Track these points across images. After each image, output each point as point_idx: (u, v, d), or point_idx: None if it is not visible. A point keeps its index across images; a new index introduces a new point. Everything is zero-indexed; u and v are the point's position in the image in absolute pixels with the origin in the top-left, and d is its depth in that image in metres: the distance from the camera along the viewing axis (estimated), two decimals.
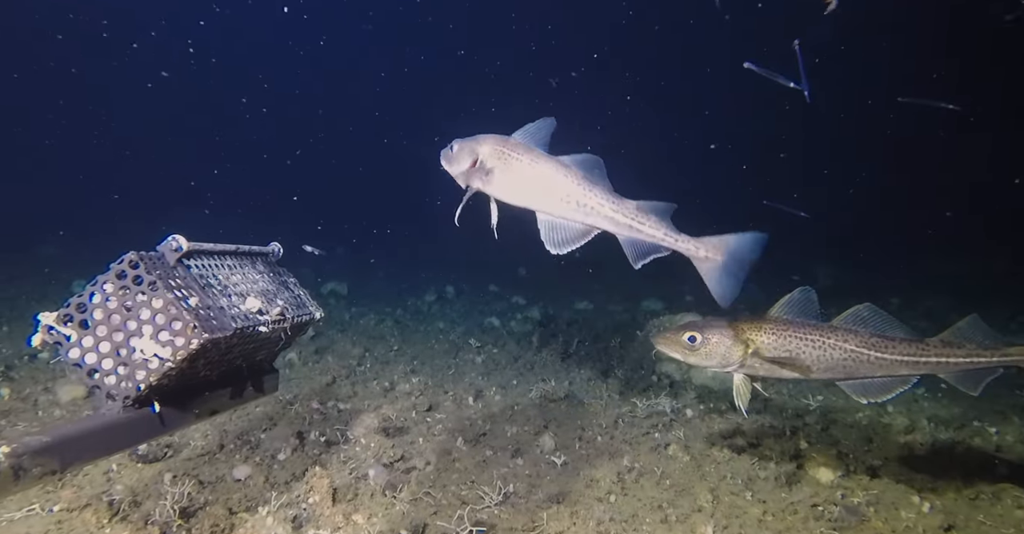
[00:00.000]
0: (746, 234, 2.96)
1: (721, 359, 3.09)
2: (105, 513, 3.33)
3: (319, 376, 6.22)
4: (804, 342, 3.07)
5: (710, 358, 3.09)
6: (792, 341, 3.06)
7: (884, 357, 3.09)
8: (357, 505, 3.63)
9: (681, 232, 2.94)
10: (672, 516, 3.64)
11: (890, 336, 3.13)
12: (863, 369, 3.12)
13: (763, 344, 3.06)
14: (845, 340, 3.08)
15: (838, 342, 3.08)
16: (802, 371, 3.12)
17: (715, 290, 2.97)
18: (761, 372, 3.17)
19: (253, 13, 33.22)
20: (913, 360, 3.12)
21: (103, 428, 2.11)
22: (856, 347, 3.08)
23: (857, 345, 3.08)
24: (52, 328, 2.15)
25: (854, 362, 3.09)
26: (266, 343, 2.57)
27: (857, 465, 4.31)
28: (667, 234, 2.93)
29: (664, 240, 2.94)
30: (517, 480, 4.00)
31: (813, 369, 3.11)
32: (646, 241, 2.95)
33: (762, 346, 3.06)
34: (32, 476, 1.87)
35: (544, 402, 5.61)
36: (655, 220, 2.95)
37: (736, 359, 3.08)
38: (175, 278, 2.21)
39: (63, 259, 12.55)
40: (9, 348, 6.57)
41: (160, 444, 4.17)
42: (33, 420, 4.76)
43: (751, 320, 3.13)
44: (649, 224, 2.93)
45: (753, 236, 2.96)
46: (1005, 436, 5.15)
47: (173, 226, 2.53)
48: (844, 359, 3.08)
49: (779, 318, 3.15)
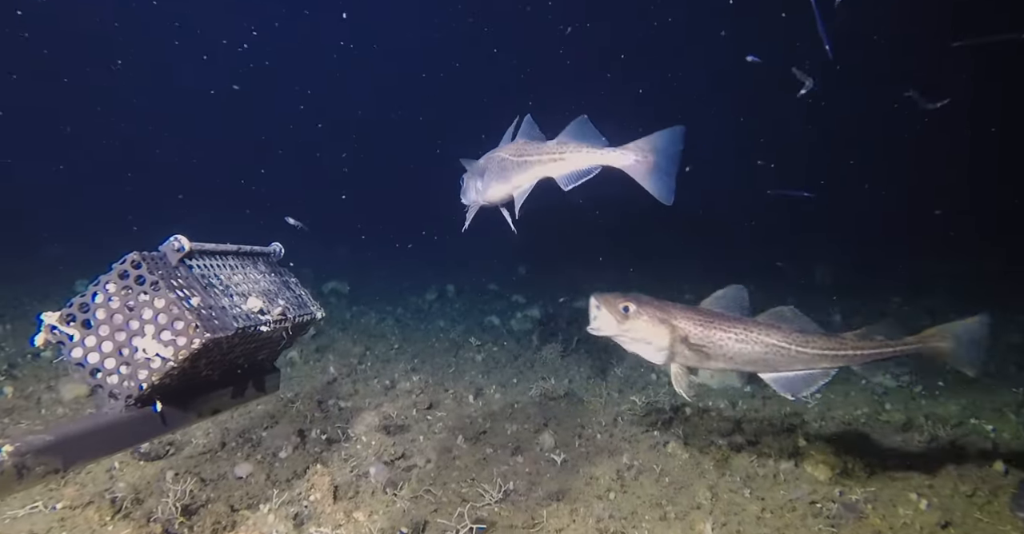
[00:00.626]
0: (664, 130, 3.12)
1: (645, 336, 3.11)
2: (108, 511, 3.35)
3: (320, 375, 6.25)
4: (729, 334, 3.18)
5: (636, 332, 3.11)
6: (717, 332, 3.17)
7: (805, 351, 3.21)
8: (358, 503, 3.66)
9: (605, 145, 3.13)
10: (671, 513, 3.67)
11: (810, 332, 3.26)
12: (785, 363, 3.25)
13: (690, 332, 3.14)
14: (768, 334, 3.20)
15: (761, 336, 3.19)
16: (727, 362, 3.23)
17: (655, 189, 3.15)
18: (691, 362, 3.24)
19: (254, 13, 33.21)
20: (832, 354, 3.24)
21: (106, 427, 2.13)
22: (778, 341, 3.20)
23: (779, 340, 3.20)
24: (55, 327, 2.16)
25: (776, 356, 3.21)
26: (268, 342, 2.58)
27: (855, 463, 4.32)
28: (590, 152, 3.19)
29: (591, 159, 3.19)
30: (517, 478, 4.02)
31: (737, 360, 3.22)
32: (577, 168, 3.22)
33: (689, 333, 3.14)
34: (35, 474, 1.88)
35: (544, 400, 5.63)
36: (575, 144, 3.22)
37: (662, 342, 3.12)
38: (177, 278, 2.23)
39: (66, 259, 12.57)
40: (13, 347, 6.61)
41: (162, 442, 4.21)
42: (36, 419, 4.79)
43: (682, 308, 3.22)
44: (571, 149, 3.21)
45: (672, 130, 3.13)
46: (1002, 433, 5.17)
47: (176, 227, 2.54)
48: (766, 352, 3.20)
49: (708, 310, 3.25)
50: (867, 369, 3.38)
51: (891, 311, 11.06)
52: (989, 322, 3.31)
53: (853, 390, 6.25)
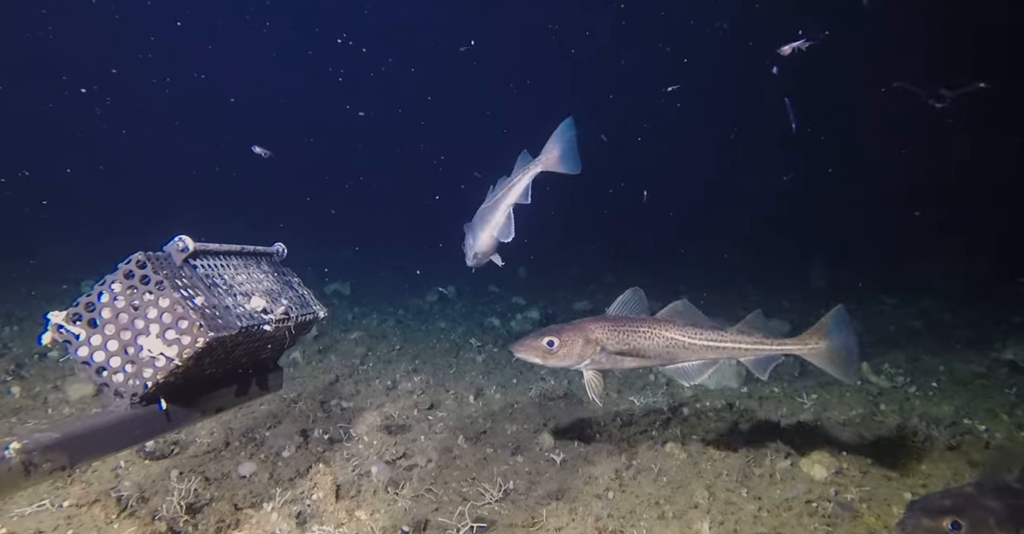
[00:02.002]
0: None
1: (577, 358, 3.50)
2: (113, 508, 3.38)
3: (323, 375, 6.29)
4: (638, 334, 3.55)
5: (567, 358, 3.50)
6: (630, 334, 3.54)
7: (695, 343, 3.59)
8: (360, 501, 3.69)
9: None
10: (669, 512, 3.69)
11: (699, 324, 3.62)
12: (681, 354, 3.62)
13: (608, 340, 3.51)
14: (667, 329, 3.58)
15: (662, 331, 3.57)
16: (639, 360, 3.60)
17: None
18: (607, 365, 3.60)
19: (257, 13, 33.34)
20: (715, 345, 3.60)
21: (111, 425, 2.16)
22: (675, 335, 3.58)
23: (675, 333, 3.58)
24: (61, 327, 2.20)
25: (674, 348, 3.59)
26: (271, 342, 2.62)
27: (850, 462, 4.36)
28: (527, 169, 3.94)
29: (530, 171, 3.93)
30: (517, 477, 4.05)
31: (648, 356, 3.59)
32: (524, 186, 3.96)
33: (608, 342, 3.51)
34: (42, 471, 1.92)
35: (543, 400, 5.67)
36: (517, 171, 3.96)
37: (589, 356, 3.50)
38: (181, 278, 2.26)
39: (73, 259, 12.64)
40: (20, 347, 6.67)
41: (167, 441, 4.24)
42: (43, 417, 4.84)
43: (594, 320, 3.57)
44: (517, 177, 3.97)
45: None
46: (995, 433, 5.21)
47: (181, 227, 2.58)
48: (667, 346, 3.57)
49: (616, 316, 3.61)
50: (751, 364, 3.70)
51: (886, 311, 11.10)
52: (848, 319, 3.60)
53: (848, 391, 6.29)
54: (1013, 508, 2.85)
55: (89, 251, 12.94)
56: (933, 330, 9.19)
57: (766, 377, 3.69)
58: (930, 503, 2.90)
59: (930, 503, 2.90)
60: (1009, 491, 2.98)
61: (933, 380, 6.78)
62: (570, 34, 28.23)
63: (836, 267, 14.79)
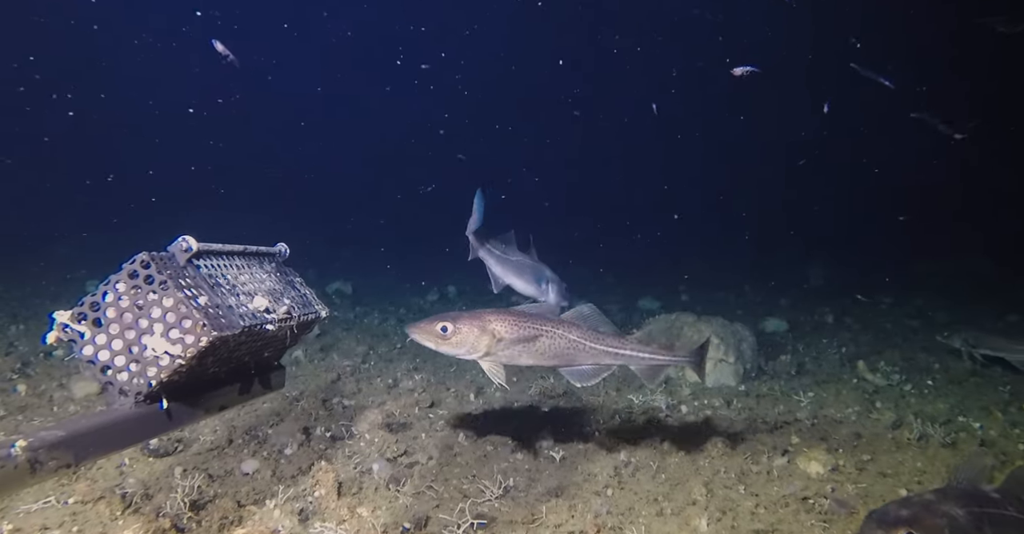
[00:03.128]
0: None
1: (470, 347, 3.44)
2: (118, 505, 3.41)
3: (325, 373, 6.33)
4: (539, 332, 3.52)
5: (460, 346, 3.43)
6: (530, 331, 3.50)
7: (596, 347, 3.62)
8: (361, 498, 3.72)
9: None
10: (667, 509, 3.72)
11: (601, 330, 3.66)
12: (580, 357, 3.63)
13: (505, 334, 3.46)
14: (569, 331, 3.58)
15: (565, 333, 3.56)
16: (538, 358, 3.57)
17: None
18: (504, 359, 3.55)
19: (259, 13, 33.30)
20: (614, 351, 3.67)
21: (116, 423, 2.19)
22: (577, 338, 3.58)
23: (578, 336, 3.59)
24: (67, 326, 2.23)
25: (575, 350, 3.60)
26: (273, 341, 2.65)
27: (846, 459, 4.40)
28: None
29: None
30: (517, 474, 4.08)
31: (545, 356, 3.57)
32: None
33: (506, 335, 3.46)
34: (48, 469, 1.95)
35: (543, 398, 5.71)
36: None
37: (483, 347, 3.45)
38: (185, 278, 2.29)
39: (78, 258, 12.69)
40: (25, 345, 6.72)
41: (171, 439, 4.27)
42: (48, 415, 4.87)
43: (496, 312, 3.53)
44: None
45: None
46: (989, 431, 5.25)
47: (185, 227, 2.61)
48: (568, 348, 3.58)
49: (520, 311, 3.58)
50: (643, 373, 3.81)
51: (883, 311, 11.12)
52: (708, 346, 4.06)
53: (845, 389, 6.33)
54: (979, 516, 2.80)
55: (94, 250, 13.02)
56: (929, 328, 9.20)
57: (654, 385, 3.84)
58: (886, 513, 2.84)
59: (886, 513, 2.84)
60: (977, 498, 2.93)
61: (928, 378, 6.83)
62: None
63: (834, 266, 14.82)
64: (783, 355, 7.54)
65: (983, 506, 2.87)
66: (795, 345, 8.47)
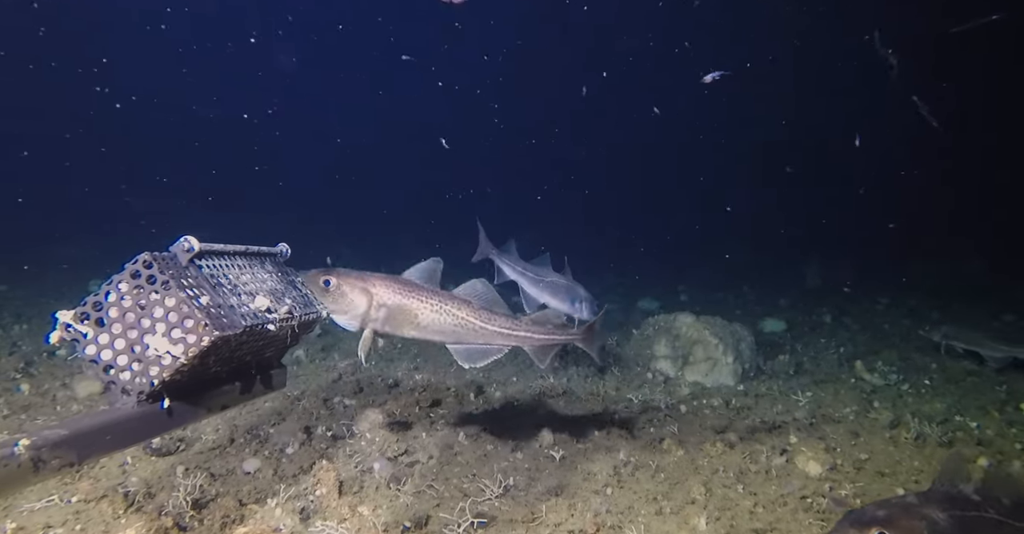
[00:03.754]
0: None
1: (348, 306, 3.26)
2: (121, 504, 3.42)
3: (326, 373, 6.35)
4: (424, 304, 3.39)
5: (338, 303, 3.24)
6: (414, 301, 3.37)
7: (486, 327, 3.51)
8: (362, 497, 3.73)
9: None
10: (666, 508, 3.73)
11: (494, 310, 3.57)
12: (470, 336, 3.52)
13: (388, 300, 3.32)
14: (459, 308, 3.46)
15: (452, 309, 3.44)
16: (420, 331, 3.43)
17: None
18: (386, 328, 3.37)
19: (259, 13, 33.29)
20: (507, 332, 3.57)
21: (118, 422, 2.21)
22: (466, 316, 3.46)
23: (467, 314, 3.47)
24: (69, 326, 2.25)
25: (463, 329, 3.48)
26: (275, 340, 2.66)
27: (844, 459, 4.42)
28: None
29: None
30: (517, 473, 4.09)
31: (429, 330, 3.43)
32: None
33: (387, 301, 3.32)
34: (51, 468, 1.97)
35: (543, 398, 5.72)
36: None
37: (362, 308, 3.28)
38: (187, 278, 2.31)
39: (81, 259, 12.72)
40: (29, 345, 6.75)
41: (173, 438, 4.28)
42: (51, 414, 4.90)
43: (383, 277, 3.40)
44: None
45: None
46: (986, 430, 5.27)
47: (186, 228, 2.62)
48: (456, 325, 3.45)
49: (408, 280, 3.45)
50: (535, 353, 3.75)
51: (879, 311, 11.15)
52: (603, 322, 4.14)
53: (843, 389, 6.35)
54: (961, 520, 2.77)
55: (97, 250, 13.04)
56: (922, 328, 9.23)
57: (545, 366, 3.82)
58: (862, 514, 2.80)
59: (862, 514, 2.80)
60: (960, 501, 2.89)
61: (926, 378, 6.85)
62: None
63: (832, 267, 14.85)
64: (781, 355, 7.56)
65: (964, 509, 2.84)
66: (793, 345, 8.49)
